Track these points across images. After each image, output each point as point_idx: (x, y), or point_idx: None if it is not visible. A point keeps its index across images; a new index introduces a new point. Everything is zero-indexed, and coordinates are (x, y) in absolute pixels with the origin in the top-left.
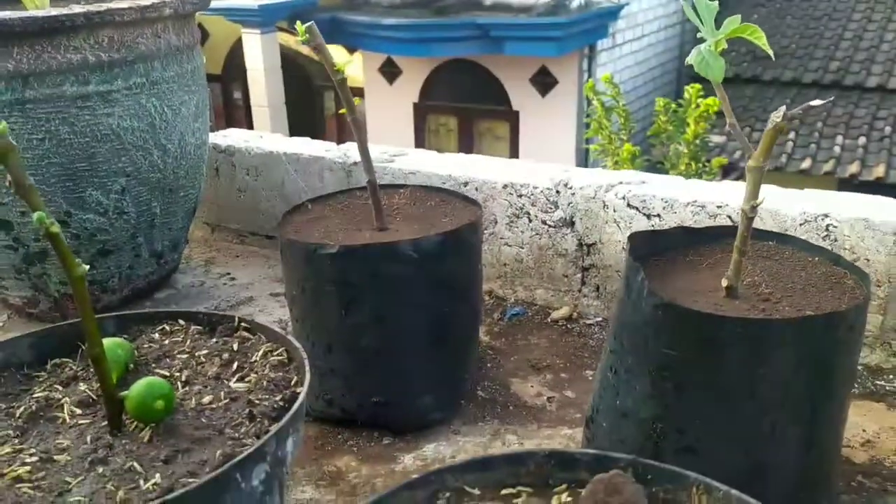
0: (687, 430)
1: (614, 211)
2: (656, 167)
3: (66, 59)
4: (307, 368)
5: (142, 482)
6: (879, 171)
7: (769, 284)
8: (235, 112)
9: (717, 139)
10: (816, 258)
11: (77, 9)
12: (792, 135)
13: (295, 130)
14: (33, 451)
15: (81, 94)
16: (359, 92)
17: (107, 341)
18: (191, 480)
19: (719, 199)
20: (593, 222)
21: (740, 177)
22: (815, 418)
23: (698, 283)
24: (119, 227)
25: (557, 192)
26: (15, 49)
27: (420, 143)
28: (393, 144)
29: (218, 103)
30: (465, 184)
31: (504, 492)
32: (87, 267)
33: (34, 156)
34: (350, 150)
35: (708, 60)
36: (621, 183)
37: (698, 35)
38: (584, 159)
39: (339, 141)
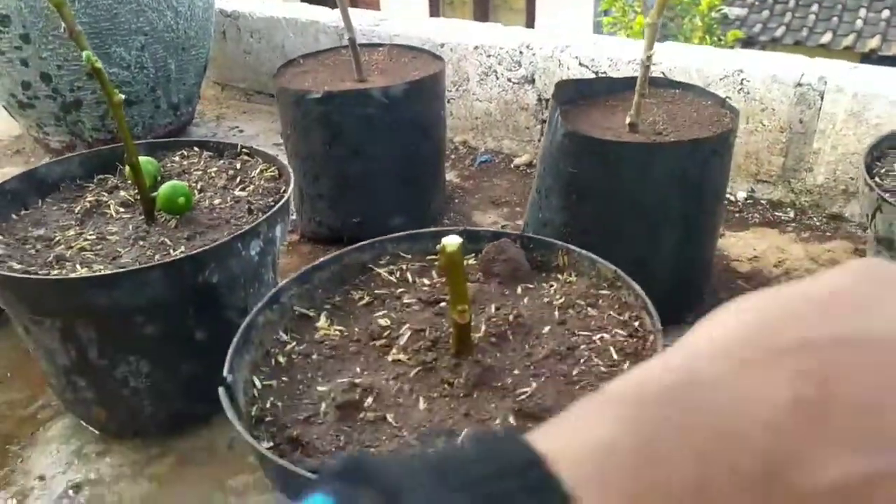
0: (589, 231)
1: (568, 69)
2: (670, 40)
3: None
4: (292, 178)
5: (171, 251)
6: None
7: (665, 122)
8: None
9: (737, 11)
10: (709, 102)
11: None
12: (815, 7)
13: None
14: (91, 233)
15: None
16: None
17: (139, 158)
18: (207, 246)
19: (655, 57)
20: (550, 79)
21: (762, 49)
22: (687, 226)
23: (610, 121)
24: (140, 81)
25: (521, 52)
26: None
27: (434, 14)
28: (405, 9)
29: None
30: (442, 45)
31: (429, 257)
32: (123, 97)
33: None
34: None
35: None
36: (574, 44)
37: None
38: (599, 32)
39: (352, 1)
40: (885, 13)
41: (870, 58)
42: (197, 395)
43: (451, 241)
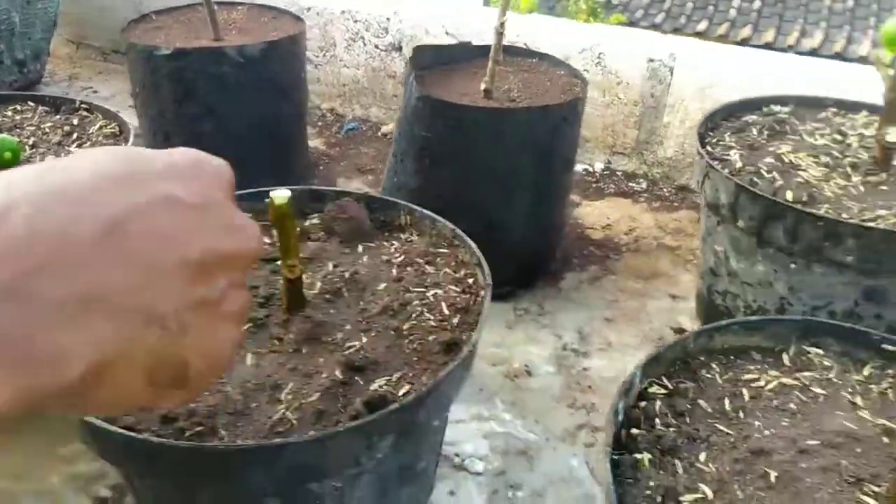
0: (442, 195)
1: (434, 37)
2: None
3: None
4: (132, 135)
5: None
6: (769, 35)
7: (520, 90)
8: None
9: None
10: (562, 72)
11: None
12: None
13: None
14: None
15: None
16: None
17: None
18: None
19: (518, 28)
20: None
21: None
22: (538, 191)
23: (466, 87)
24: None
25: (388, 19)
26: None
27: None
28: None
29: None
30: (308, 9)
31: None
32: None
33: None
34: None
35: None
36: (442, 13)
37: None
38: (488, 4)
39: None
40: (757, 3)
41: (742, 47)
42: None
43: (280, 195)
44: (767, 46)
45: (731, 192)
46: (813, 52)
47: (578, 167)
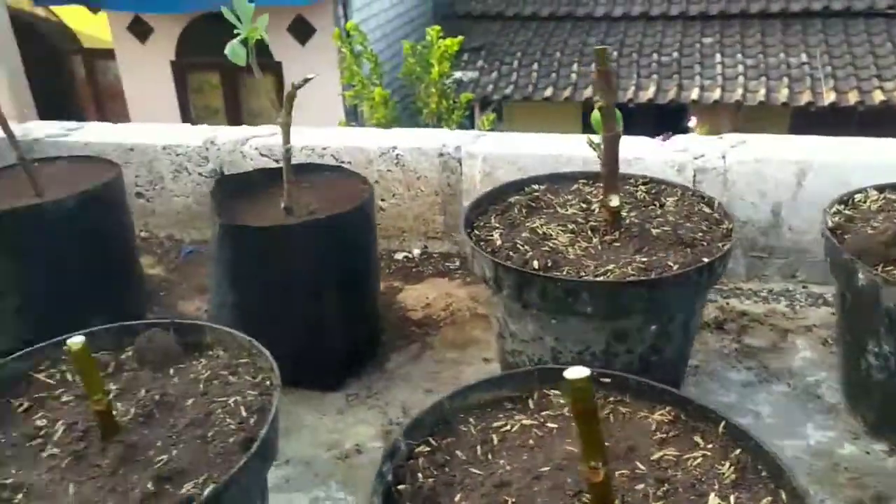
0: (259, 307)
1: (251, 160)
2: (411, 108)
3: None
4: None
5: None
6: None
7: (317, 202)
8: None
9: (471, 74)
10: (354, 179)
11: None
12: (535, 66)
13: (46, 100)
14: None
15: None
16: (109, 54)
17: None
18: None
19: (323, 142)
20: (238, 169)
21: (496, 110)
22: (347, 290)
23: (269, 209)
24: None
25: (206, 148)
26: None
27: (184, 102)
28: (153, 105)
29: None
30: (132, 149)
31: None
32: None
33: None
34: (28, 128)
35: (236, 50)
36: (256, 136)
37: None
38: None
39: (98, 107)
40: (592, 66)
41: (589, 105)
42: None
43: (75, 342)
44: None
45: (491, 267)
46: (650, 102)
47: (399, 255)
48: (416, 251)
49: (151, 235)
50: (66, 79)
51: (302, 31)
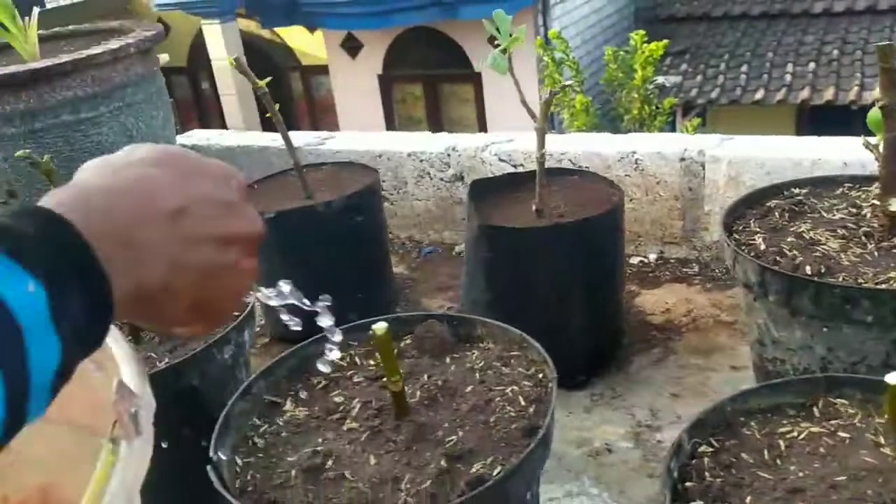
0: (512, 305)
1: (490, 165)
2: (610, 114)
3: (63, 95)
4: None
5: (157, 363)
6: (829, 94)
7: (565, 205)
8: (206, 102)
9: (673, 79)
10: (601, 184)
11: (65, 57)
12: (745, 67)
13: (266, 115)
14: None
15: (76, 121)
16: (323, 70)
17: None
18: (188, 351)
19: (561, 148)
20: (477, 174)
21: (700, 114)
22: (594, 291)
23: (520, 210)
24: None
25: (448, 154)
26: (23, 93)
27: (388, 112)
28: (361, 116)
29: (187, 96)
30: (379, 156)
31: (373, 343)
32: None
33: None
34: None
35: (498, 60)
36: (494, 143)
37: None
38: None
39: (312, 120)
40: (811, 65)
41: (803, 109)
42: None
43: (380, 326)
44: (829, 105)
45: (758, 272)
46: (874, 104)
47: (634, 260)
48: (653, 256)
49: (394, 236)
50: (286, 93)
51: None
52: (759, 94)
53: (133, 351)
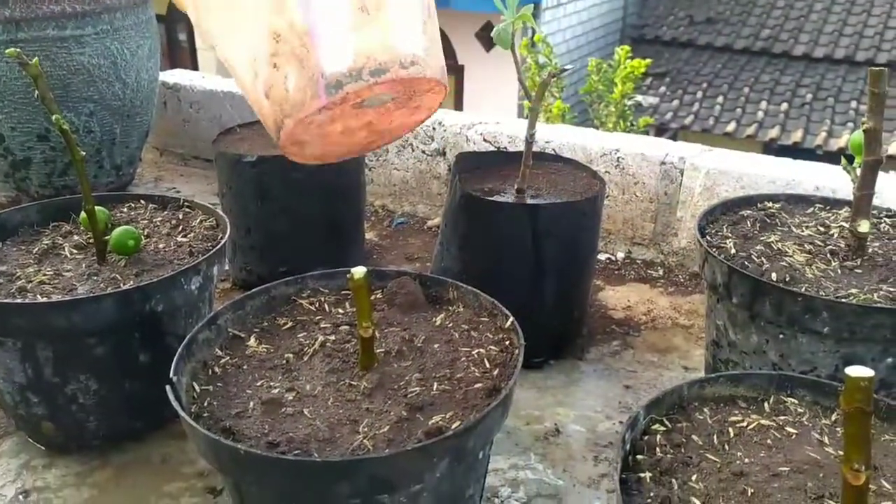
0: (481, 278)
1: (474, 143)
2: (586, 125)
3: (49, 9)
4: (228, 227)
5: (122, 285)
6: (797, 135)
7: (546, 188)
8: (180, 53)
9: (651, 100)
10: (584, 173)
11: None
12: (720, 98)
13: None
14: (48, 269)
15: (60, 37)
16: None
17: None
18: (153, 279)
19: (547, 136)
20: (460, 150)
21: (671, 138)
22: (565, 276)
23: (502, 187)
24: (87, 143)
25: (433, 128)
26: (10, 1)
27: None
28: None
29: (163, 43)
30: None
31: (343, 291)
32: (84, 153)
33: (23, 83)
34: None
35: (501, 34)
36: (481, 123)
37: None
38: (522, 113)
39: None
40: (784, 105)
41: (770, 147)
42: (137, 411)
43: (359, 270)
44: (795, 146)
45: (725, 273)
46: (840, 151)
47: (602, 256)
48: (621, 254)
49: (369, 203)
50: None
51: (488, 37)
52: (731, 127)
53: None
